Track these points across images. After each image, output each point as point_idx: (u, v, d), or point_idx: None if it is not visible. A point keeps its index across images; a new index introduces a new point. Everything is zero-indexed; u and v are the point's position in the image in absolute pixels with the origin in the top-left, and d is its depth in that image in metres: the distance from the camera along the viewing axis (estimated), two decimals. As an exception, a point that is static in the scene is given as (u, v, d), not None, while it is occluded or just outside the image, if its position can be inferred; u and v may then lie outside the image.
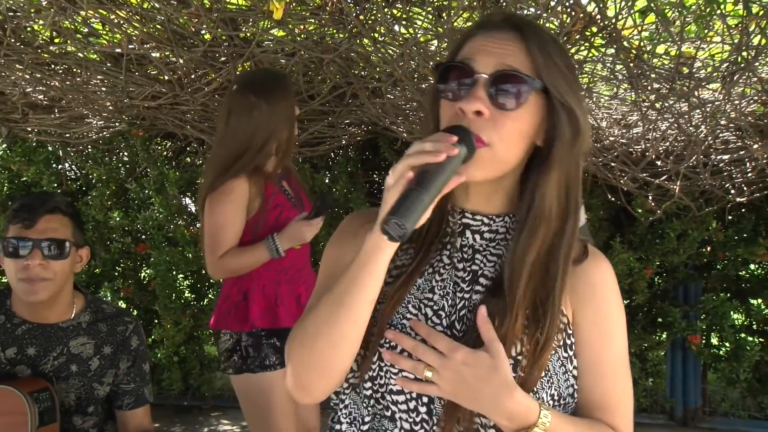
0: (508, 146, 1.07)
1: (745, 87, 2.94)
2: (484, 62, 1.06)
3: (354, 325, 1.07)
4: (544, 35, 1.10)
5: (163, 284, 4.40)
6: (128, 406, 2.18)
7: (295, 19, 3.02)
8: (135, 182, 4.46)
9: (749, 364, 4.31)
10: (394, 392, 1.10)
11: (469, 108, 1.04)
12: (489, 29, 1.10)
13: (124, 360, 2.16)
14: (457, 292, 1.14)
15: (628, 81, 2.98)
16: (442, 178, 0.99)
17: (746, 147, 3.19)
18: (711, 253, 4.45)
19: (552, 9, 2.75)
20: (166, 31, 3.01)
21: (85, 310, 2.16)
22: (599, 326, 1.17)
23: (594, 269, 1.19)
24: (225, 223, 2.56)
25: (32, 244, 1.96)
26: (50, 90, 3.67)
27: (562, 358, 1.13)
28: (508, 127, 1.06)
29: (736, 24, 2.65)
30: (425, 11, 2.97)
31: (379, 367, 1.11)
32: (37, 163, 4.60)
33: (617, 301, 1.20)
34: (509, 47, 1.07)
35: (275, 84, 2.72)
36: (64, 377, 2.06)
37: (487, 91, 1.05)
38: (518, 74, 1.04)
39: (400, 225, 0.95)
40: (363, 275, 1.04)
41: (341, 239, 1.25)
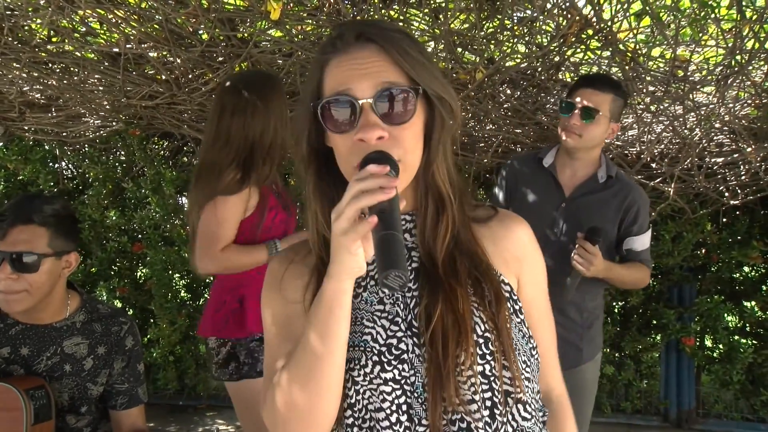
0: (413, 154, 1.10)
1: (739, 90, 2.96)
2: (362, 87, 1.06)
3: (336, 369, 1.07)
4: (395, 35, 1.10)
5: (159, 284, 4.41)
6: (122, 406, 2.17)
7: (293, 19, 3.03)
8: (132, 181, 4.46)
9: (742, 366, 4.33)
10: (375, 411, 1.11)
11: (370, 137, 1.04)
12: (344, 50, 1.09)
13: (118, 360, 2.16)
14: (405, 294, 1.15)
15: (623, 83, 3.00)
16: (398, 211, 1.00)
17: (740, 150, 3.21)
18: (705, 255, 4.47)
19: (548, 12, 2.77)
20: (163, 31, 3.02)
21: (80, 310, 2.15)
22: (537, 281, 1.26)
23: (521, 229, 1.24)
24: (228, 218, 2.54)
25: (1, 257, 1.93)
26: (47, 89, 3.68)
27: (518, 325, 1.17)
28: (408, 136, 1.08)
29: (730, 28, 2.67)
30: (422, 13, 2.99)
31: (356, 392, 1.11)
32: (34, 162, 4.60)
33: (541, 255, 1.28)
34: (376, 63, 1.07)
35: (269, 83, 2.70)
36: (57, 377, 2.05)
37: (378, 114, 1.05)
38: (400, 88, 1.06)
39: (401, 276, 0.94)
40: (332, 322, 1.04)
41: (274, 285, 1.22)
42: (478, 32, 2.93)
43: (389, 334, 1.12)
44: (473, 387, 1.08)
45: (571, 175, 2.69)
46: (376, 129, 1.04)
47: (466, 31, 3.04)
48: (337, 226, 0.99)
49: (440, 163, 1.14)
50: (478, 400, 1.08)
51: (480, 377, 1.09)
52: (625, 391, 4.77)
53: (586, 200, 2.65)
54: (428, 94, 1.10)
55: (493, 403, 1.09)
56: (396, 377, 1.10)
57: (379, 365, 1.10)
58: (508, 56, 3.11)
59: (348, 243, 0.98)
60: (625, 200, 2.64)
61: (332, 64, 1.10)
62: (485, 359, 1.09)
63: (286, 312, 1.19)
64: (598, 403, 4.67)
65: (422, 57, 1.10)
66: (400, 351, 1.11)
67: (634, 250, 2.69)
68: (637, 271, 2.69)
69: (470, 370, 1.08)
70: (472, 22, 2.93)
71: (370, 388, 1.10)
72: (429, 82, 1.09)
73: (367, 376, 1.10)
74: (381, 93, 1.05)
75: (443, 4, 2.91)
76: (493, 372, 1.10)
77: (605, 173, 2.67)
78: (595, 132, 2.56)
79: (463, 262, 1.15)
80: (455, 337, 1.08)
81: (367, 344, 1.12)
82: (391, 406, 1.09)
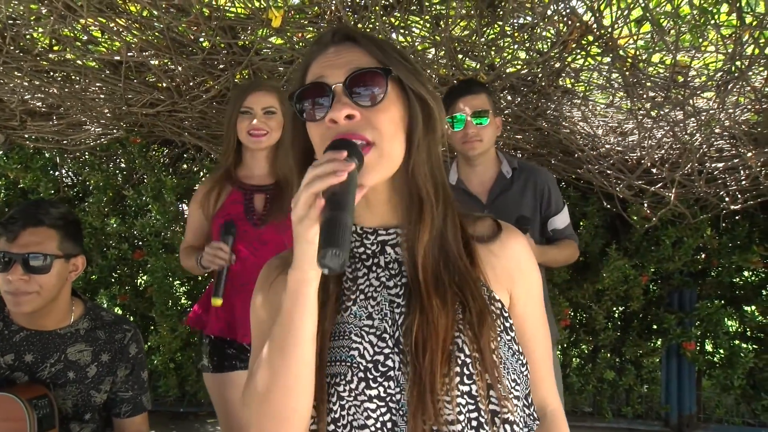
0: (390, 140, 1.09)
1: (739, 96, 2.97)
2: (335, 74, 1.09)
3: (302, 365, 1.06)
4: (376, 37, 1.14)
5: (159, 291, 4.41)
6: (126, 414, 2.17)
7: (294, 27, 3.04)
8: (132, 189, 4.46)
9: (743, 371, 4.33)
10: (359, 427, 1.09)
11: (338, 115, 1.06)
12: (323, 48, 1.13)
13: (122, 367, 2.16)
14: (394, 309, 1.14)
15: (624, 89, 3.01)
16: (351, 195, 0.99)
17: (740, 155, 3.22)
18: (705, 260, 4.48)
19: (548, 18, 2.78)
20: (165, 39, 3.03)
21: (83, 317, 2.15)
22: (530, 297, 1.24)
23: (517, 244, 1.23)
24: (188, 220, 2.84)
25: (13, 259, 1.95)
26: (49, 97, 3.69)
27: (508, 342, 1.15)
28: (382, 119, 1.08)
29: (729, 34, 2.68)
30: (423, 20, 3.00)
31: (341, 407, 1.10)
32: (35, 170, 4.60)
33: (537, 269, 1.26)
34: (350, 54, 1.11)
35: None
36: (61, 384, 2.05)
37: (350, 96, 1.07)
38: (370, 69, 1.08)
39: (338, 254, 0.93)
40: (296, 315, 1.04)
41: (264, 290, 1.23)
42: (479, 39, 2.94)
43: (376, 350, 1.11)
44: (458, 407, 1.06)
45: (479, 182, 2.76)
46: (345, 107, 1.06)
47: (467, 37, 3.05)
48: (293, 215, 0.99)
49: (422, 164, 1.13)
50: (462, 420, 1.06)
51: (466, 397, 1.07)
52: (626, 396, 4.77)
53: (503, 200, 2.72)
54: (406, 89, 1.12)
55: (479, 423, 1.07)
56: (381, 394, 1.08)
57: (364, 381, 1.09)
58: (509, 62, 3.13)
59: (303, 230, 0.99)
60: (536, 186, 2.75)
61: (312, 66, 1.13)
62: (471, 379, 1.08)
63: (272, 320, 1.16)
64: (600, 408, 4.67)
65: (400, 56, 1.13)
66: (386, 368, 1.09)
67: (558, 228, 2.79)
68: (567, 247, 2.80)
69: (454, 390, 1.07)
70: (473, 29, 2.94)
71: (355, 405, 1.09)
72: (403, 75, 1.11)
73: (353, 392, 1.09)
74: (351, 75, 1.07)
75: (444, 11, 2.92)
76: (480, 392, 1.08)
77: (509, 167, 2.76)
78: (490, 131, 2.67)
79: (450, 279, 1.13)
80: (437, 356, 1.06)
81: (353, 360, 1.10)
82: (375, 423, 1.08)
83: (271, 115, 2.68)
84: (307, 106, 1.11)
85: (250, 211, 2.71)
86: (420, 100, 1.13)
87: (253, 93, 2.67)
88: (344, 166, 0.98)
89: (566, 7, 2.69)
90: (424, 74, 1.19)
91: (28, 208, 2.02)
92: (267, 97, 2.68)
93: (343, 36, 1.13)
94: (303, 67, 1.16)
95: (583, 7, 2.68)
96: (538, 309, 1.26)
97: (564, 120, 3.50)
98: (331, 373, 1.11)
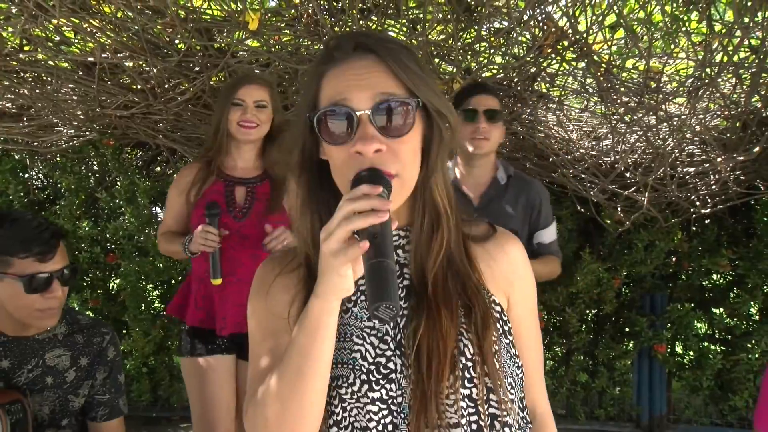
0: (411, 169, 1.08)
1: (709, 102, 3.03)
2: (359, 97, 1.03)
3: (318, 391, 1.06)
4: (393, 45, 1.08)
5: (133, 295, 4.36)
6: (102, 418, 2.14)
7: (270, 30, 3.04)
8: (105, 192, 4.40)
9: (712, 372, 4.40)
10: (360, 429, 1.10)
11: (367, 150, 1.01)
12: (342, 60, 1.07)
13: (100, 371, 2.13)
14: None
15: (598, 94, 3.05)
16: (390, 237, 0.97)
17: (710, 160, 3.28)
18: (676, 263, 4.54)
19: (524, 23, 2.81)
20: (140, 41, 3.00)
21: (61, 322, 2.12)
22: (526, 301, 1.24)
23: (513, 248, 1.24)
24: (167, 205, 2.85)
25: (52, 277, 1.93)
26: (19, 98, 3.63)
27: (506, 346, 1.16)
28: (406, 151, 1.06)
29: (700, 41, 2.73)
30: (400, 23, 3.01)
31: (343, 410, 1.10)
32: (4, 173, 4.52)
33: (531, 271, 1.27)
34: (374, 74, 1.05)
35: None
36: (38, 390, 2.02)
37: (376, 126, 1.03)
38: (399, 100, 1.04)
39: (391, 308, 0.92)
40: (317, 341, 1.02)
41: (261, 294, 1.22)
42: (456, 43, 2.97)
43: (378, 352, 1.11)
44: (460, 411, 1.07)
45: (474, 183, 2.77)
46: (374, 141, 1.02)
47: (444, 41, 3.07)
48: (326, 247, 0.96)
49: (438, 178, 1.12)
50: (463, 424, 1.07)
51: (467, 401, 1.08)
52: (598, 398, 4.82)
53: (495, 207, 2.73)
54: (427, 107, 1.08)
55: (479, 427, 1.08)
56: (383, 397, 1.09)
57: (366, 384, 1.09)
58: (485, 67, 3.15)
59: (337, 265, 0.96)
60: (528, 197, 2.74)
61: (330, 75, 1.08)
62: (472, 383, 1.08)
63: (271, 326, 1.17)
64: (573, 411, 4.71)
65: (420, 70, 1.08)
66: (388, 370, 1.09)
67: (544, 243, 2.79)
68: (550, 263, 2.80)
69: (457, 393, 1.07)
70: (450, 33, 2.96)
71: (357, 407, 1.09)
72: (427, 95, 1.07)
73: (355, 394, 1.09)
74: (379, 104, 1.03)
75: (421, 15, 2.94)
76: (480, 396, 1.08)
77: (504, 174, 2.76)
78: (498, 133, 2.68)
79: (454, 283, 1.13)
80: (440, 360, 1.06)
81: (355, 362, 1.10)
82: (377, 426, 1.08)
83: (262, 108, 2.70)
84: (326, 127, 1.06)
85: (231, 203, 2.73)
86: (442, 119, 1.10)
87: (245, 86, 2.69)
88: (384, 205, 0.95)
89: (542, 12, 2.72)
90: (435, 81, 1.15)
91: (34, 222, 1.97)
92: (259, 90, 2.70)
93: (365, 48, 1.07)
94: (317, 73, 1.10)
95: (559, 12, 2.72)
96: (532, 314, 1.27)
97: (539, 124, 3.54)
98: (333, 375, 1.10)
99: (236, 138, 2.71)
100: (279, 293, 1.18)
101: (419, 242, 1.14)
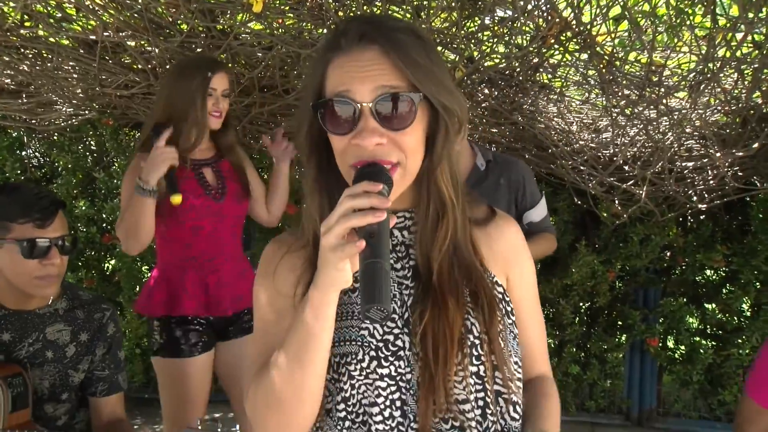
0: (413, 159, 1.10)
1: (710, 97, 3.04)
2: (362, 90, 1.05)
3: (317, 377, 1.09)
4: (401, 36, 1.08)
5: (128, 276, 4.36)
6: (102, 393, 2.16)
7: (274, 12, 3.02)
8: (103, 171, 4.39)
9: (702, 367, 4.43)
10: (368, 405, 1.12)
11: (368, 143, 1.04)
12: (347, 49, 1.08)
13: (100, 346, 2.15)
14: (403, 291, 1.16)
15: (599, 86, 3.06)
16: (387, 235, 0.99)
17: (709, 155, 3.29)
18: (671, 257, 4.57)
19: (528, 13, 2.81)
20: (143, 20, 2.99)
21: (61, 297, 2.14)
22: (525, 281, 1.29)
23: (512, 231, 1.29)
24: (124, 194, 2.65)
25: (51, 244, 1.96)
26: (18, 74, 3.61)
27: (509, 326, 1.19)
28: (408, 142, 1.07)
29: (704, 35, 2.74)
30: (404, 9, 3.00)
31: (351, 386, 1.12)
32: (1, 150, 4.51)
33: (528, 251, 1.32)
34: (377, 66, 1.05)
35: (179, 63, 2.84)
36: (38, 363, 2.03)
37: (377, 119, 1.05)
38: (400, 94, 1.05)
39: (382, 309, 0.94)
40: (315, 330, 1.05)
41: (269, 273, 1.23)
42: (459, 31, 2.96)
43: (386, 330, 1.13)
44: (468, 387, 1.10)
45: None
46: (374, 135, 1.04)
47: (447, 29, 3.06)
48: (325, 241, 0.99)
49: (444, 168, 1.13)
50: (471, 400, 1.11)
51: (474, 377, 1.11)
52: (589, 391, 4.85)
53: (478, 192, 2.69)
54: (432, 103, 1.09)
55: (485, 403, 1.12)
56: (392, 373, 1.11)
57: (375, 360, 1.11)
58: (488, 56, 3.15)
59: (335, 260, 0.98)
60: (510, 178, 2.72)
61: (334, 64, 1.09)
62: (480, 360, 1.11)
63: (277, 305, 1.19)
64: (564, 402, 4.74)
65: (428, 60, 1.08)
66: (396, 347, 1.12)
67: (534, 222, 2.78)
68: (545, 241, 2.80)
69: (465, 370, 1.10)
70: (453, 21, 2.96)
71: (366, 383, 1.12)
72: (432, 89, 1.07)
73: (364, 370, 1.11)
74: (380, 97, 1.04)
75: (425, 1, 2.94)
76: (487, 373, 1.12)
77: (483, 159, 2.74)
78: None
79: (460, 271, 1.16)
80: (446, 346, 1.09)
81: (363, 339, 1.12)
82: (385, 401, 1.11)
83: (226, 97, 2.71)
84: (329, 116, 1.08)
85: (205, 185, 2.71)
86: (447, 112, 1.10)
87: (217, 74, 2.65)
88: (383, 203, 0.97)
89: (546, 2, 2.72)
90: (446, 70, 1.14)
91: (41, 192, 2.01)
92: (226, 79, 2.69)
93: (369, 39, 1.07)
94: (323, 61, 1.11)
95: (563, 3, 2.72)
96: (532, 291, 1.31)
97: (539, 115, 3.54)
98: (341, 352, 1.13)
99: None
100: (286, 271, 1.20)
101: (424, 230, 1.16)
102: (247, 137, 4.10)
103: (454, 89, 1.12)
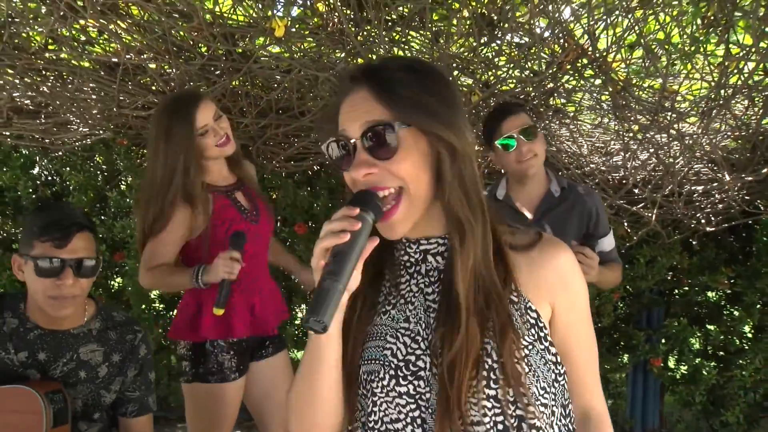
0: (416, 183, 1.15)
1: (721, 123, 3.12)
2: (352, 128, 1.15)
3: (328, 387, 1.19)
4: (390, 74, 1.16)
5: (137, 294, 4.37)
6: (132, 414, 2.18)
7: (295, 37, 3.09)
8: (115, 190, 4.42)
9: (705, 388, 4.46)
10: (390, 422, 1.18)
11: (357, 176, 1.14)
12: (348, 92, 1.18)
13: (131, 368, 2.17)
14: (429, 314, 1.21)
15: (612, 111, 3.12)
16: (355, 253, 1.07)
17: (717, 179, 3.36)
18: (675, 279, 4.61)
19: (545, 39, 2.89)
20: (165, 43, 3.04)
21: (95, 317, 2.16)
22: (574, 308, 1.27)
23: (560, 256, 1.26)
24: (165, 240, 2.57)
25: (64, 264, 1.96)
26: (38, 95, 3.65)
27: (541, 351, 1.20)
28: (403, 169, 1.13)
29: (717, 63, 2.82)
30: (423, 35, 3.07)
31: (373, 404, 1.18)
32: (14, 169, 4.52)
33: (583, 280, 1.30)
34: (364, 104, 1.15)
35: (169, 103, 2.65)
36: (72, 383, 2.05)
37: (366, 151, 1.14)
38: (376, 125, 1.12)
39: (320, 321, 1.02)
40: (321, 346, 1.16)
41: None
42: (476, 56, 3.03)
43: (409, 351, 1.19)
44: (483, 410, 1.13)
45: (528, 199, 2.74)
46: (362, 167, 1.13)
47: (464, 54, 3.13)
48: (312, 261, 1.11)
49: (454, 191, 1.16)
50: (487, 423, 1.13)
51: (492, 401, 1.13)
52: (593, 410, 4.86)
53: (549, 217, 2.70)
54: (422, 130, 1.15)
55: (505, 427, 1.14)
56: (410, 392, 1.16)
57: (394, 379, 1.17)
58: (503, 81, 3.22)
59: (317, 278, 1.08)
60: (584, 207, 2.72)
61: (341, 108, 1.19)
62: (498, 383, 1.14)
63: None
64: (568, 422, 4.76)
65: (421, 92, 1.15)
66: (417, 368, 1.17)
67: (605, 251, 2.76)
68: (616, 269, 2.80)
69: (480, 393, 1.13)
70: (470, 46, 3.03)
71: (386, 401, 1.17)
72: (420, 117, 1.13)
73: (384, 388, 1.18)
74: (364, 132, 1.13)
75: (444, 28, 3.01)
76: (506, 397, 1.14)
77: (558, 186, 2.74)
78: (541, 145, 2.65)
79: (480, 291, 1.18)
80: (463, 364, 1.13)
81: (386, 359, 1.19)
82: (406, 419, 1.17)
83: (220, 118, 2.64)
84: (335, 155, 1.18)
85: (242, 210, 2.73)
86: (439, 139, 1.14)
87: (198, 110, 2.55)
88: (351, 225, 1.07)
89: (563, 30, 2.80)
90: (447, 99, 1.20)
91: (64, 211, 2.03)
92: (209, 106, 2.60)
93: (361, 79, 1.17)
94: (335, 105, 1.22)
95: (580, 30, 2.80)
96: (583, 318, 1.30)
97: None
98: (368, 370, 1.20)
99: (212, 157, 2.65)
100: None
101: (449, 254, 1.21)
102: (259, 158, 4.14)
103: (452, 116, 1.17)
